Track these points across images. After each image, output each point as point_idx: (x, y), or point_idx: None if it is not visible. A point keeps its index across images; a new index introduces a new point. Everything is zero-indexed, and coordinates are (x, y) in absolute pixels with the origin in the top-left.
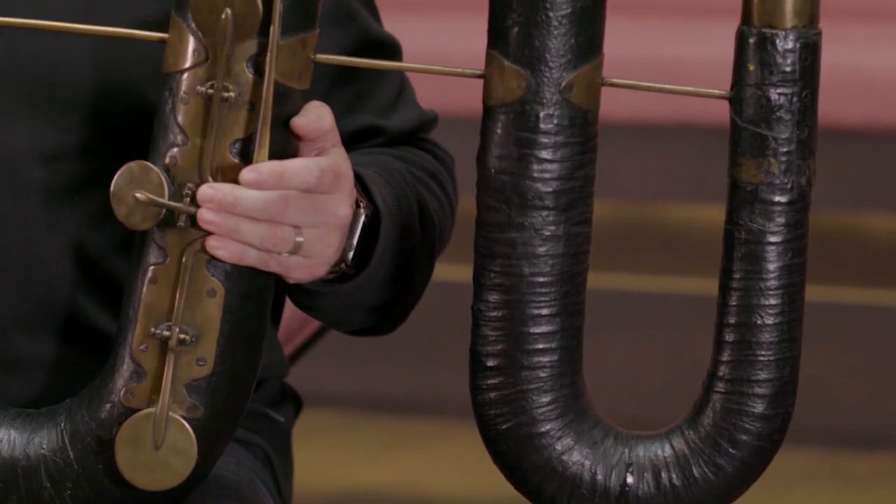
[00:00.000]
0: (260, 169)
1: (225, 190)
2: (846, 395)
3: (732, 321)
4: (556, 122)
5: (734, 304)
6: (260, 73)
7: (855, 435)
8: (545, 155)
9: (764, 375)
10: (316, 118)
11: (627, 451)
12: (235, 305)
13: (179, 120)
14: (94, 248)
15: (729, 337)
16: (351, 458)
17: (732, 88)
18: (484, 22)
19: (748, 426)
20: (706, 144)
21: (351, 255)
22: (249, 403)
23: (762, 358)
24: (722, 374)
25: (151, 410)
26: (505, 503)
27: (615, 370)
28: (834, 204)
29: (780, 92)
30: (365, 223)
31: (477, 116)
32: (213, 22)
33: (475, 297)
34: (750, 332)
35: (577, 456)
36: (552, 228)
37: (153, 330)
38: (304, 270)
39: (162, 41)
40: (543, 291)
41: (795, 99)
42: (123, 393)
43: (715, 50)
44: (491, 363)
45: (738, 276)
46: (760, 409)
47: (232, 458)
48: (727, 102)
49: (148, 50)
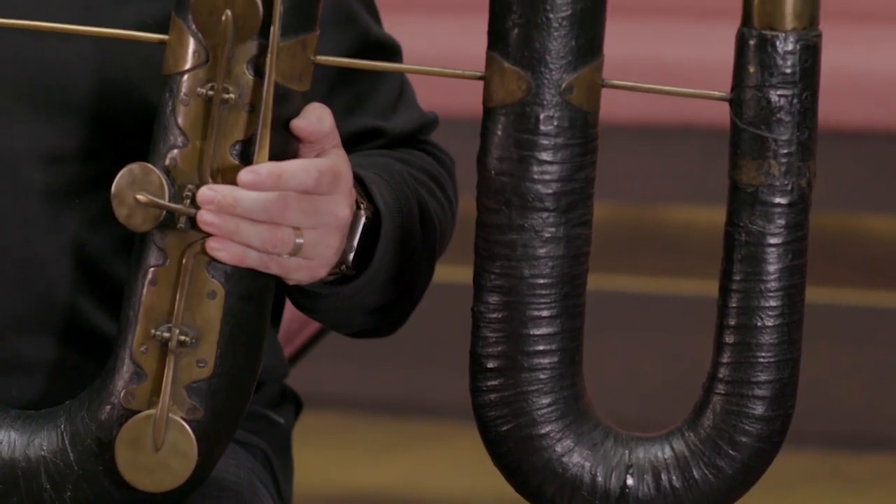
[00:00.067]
0: (258, 170)
1: (224, 191)
2: (846, 396)
3: (732, 323)
4: (556, 123)
5: (734, 305)
6: (260, 74)
7: (855, 436)
8: (545, 157)
9: (764, 377)
10: (316, 120)
11: (627, 452)
12: (236, 307)
13: (180, 121)
14: (94, 249)
15: (729, 339)
16: (351, 459)
17: (733, 90)
18: (484, 24)
19: (748, 428)
20: (706, 146)
21: (351, 256)
22: (249, 405)
23: (762, 360)
24: (722, 375)
25: (151, 412)
26: None
27: (615, 372)
28: (834, 205)
29: (780, 94)
30: (365, 225)
31: (477, 118)
32: (213, 23)
33: (475, 298)
34: (750, 333)
35: (577, 458)
36: (552, 230)
37: (153, 331)
38: (304, 272)
39: (162, 43)
40: (544, 293)
41: (796, 101)
42: (123, 394)
43: (715, 52)
44: (491, 365)
45: (738, 277)
46: (760, 410)
47: (232, 459)
48: (727, 104)
49: (148, 51)
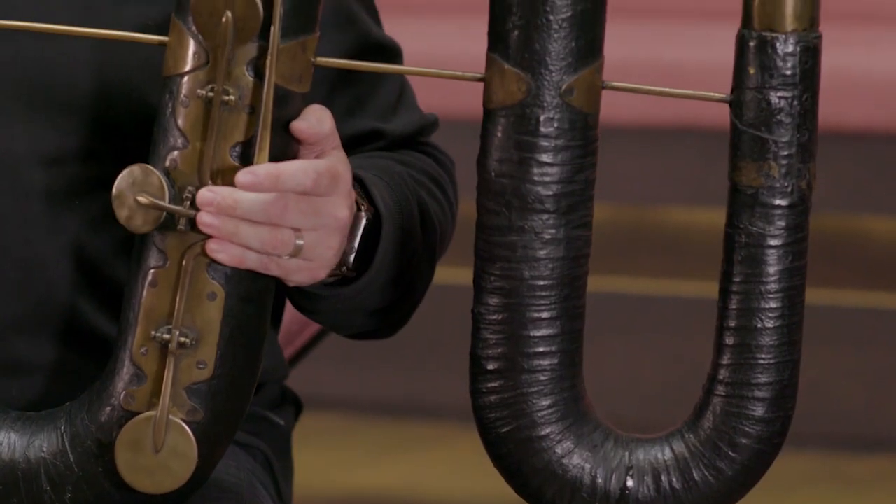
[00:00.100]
0: (256, 171)
1: (224, 193)
2: (846, 397)
3: (733, 324)
4: (556, 125)
5: (734, 307)
6: (260, 76)
7: (855, 438)
8: (545, 158)
9: (764, 379)
10: (316, 122)
11: (627, 454)
12: (236, 309)
13: (180, 123)
14: (94, 251)
15: (729, 340)
16: (351, 461)
17: (733, 92)
18: (484, 25)
19: (748, 429)
20: (706, 148)
21: (352, 258)
22: (249, 406)
23: (762, 361)
24: (722, 377)
25: (151, 414)
26: None
27: (615, 373)
28: (834, 207)
29: (780, 95)
30: (366, 226)
31: (477, 120)
32: (213, 25)
33: (475, 300)
34: (750, 335)
35: (577, 459)
36: (552, 232)
37: (153, 333)
38: (304, 273)
39: (162, 44)
40: (544, 295)
41: (796, 102)
42: (123, 396)
43: (715, 53)
44: (491, 366)
45: (738, 279)
46: (760, 412)
47: (232, 461)
48: (727, 106)
49: (148, 53)
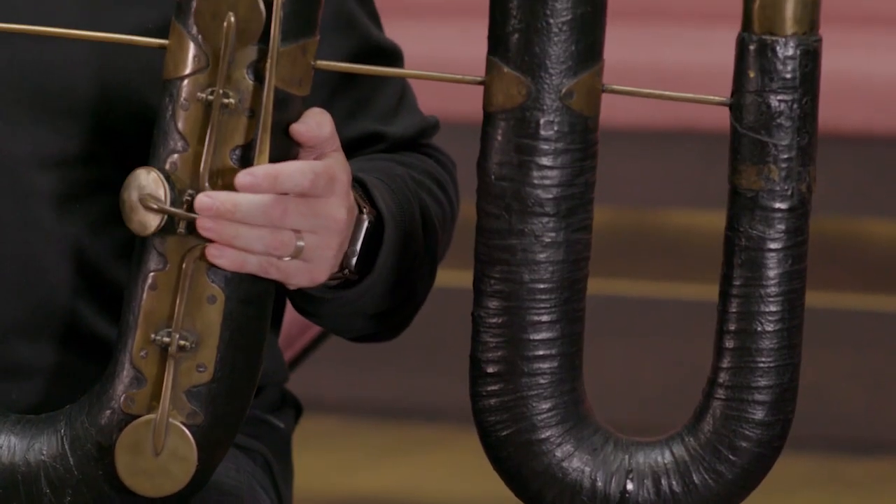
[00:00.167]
0: (255, 172)
1: (222, 198)
2: (846, 400)
3: (732, 328)
4: (556, 128)
5: (734, 310)
6: (260, 79)
7: (854, 440)
8: (545, 161)
9: (764, 382)
10: (316, 125)
11: (627, 457)
12: (236, 311)
13: (180, 126)
14: (94, 254)
15: (729, 343)
16: (351, 463)
17: (733, 95)
18: (484, 28)
19: (748, 433)
20: (706, 151)
21: (354, 260)
22: (249, 409)
23: (762, 364)
24: (722, 380)
25: (151, 417)
26: None
27: (615, 376)
28: (834, 210)
29: (780, 98)
30: (368, 229)
31: (477, 123)
32: (215, 28)
33: (475, 303)
34: (750, 338)
35: (577, 462)
36: (552, 235)
37: (153, 336)
38: (304, 276)
39: (162, 47)
40: (544, 298)
41: (796, 105)
42: (123, 399)
43: (715, 56)
44: (491, 369)
45: (738, 282)
46: (760, 415)
47: (232, 464)
48: (727, 109)
49: (148, 56)
